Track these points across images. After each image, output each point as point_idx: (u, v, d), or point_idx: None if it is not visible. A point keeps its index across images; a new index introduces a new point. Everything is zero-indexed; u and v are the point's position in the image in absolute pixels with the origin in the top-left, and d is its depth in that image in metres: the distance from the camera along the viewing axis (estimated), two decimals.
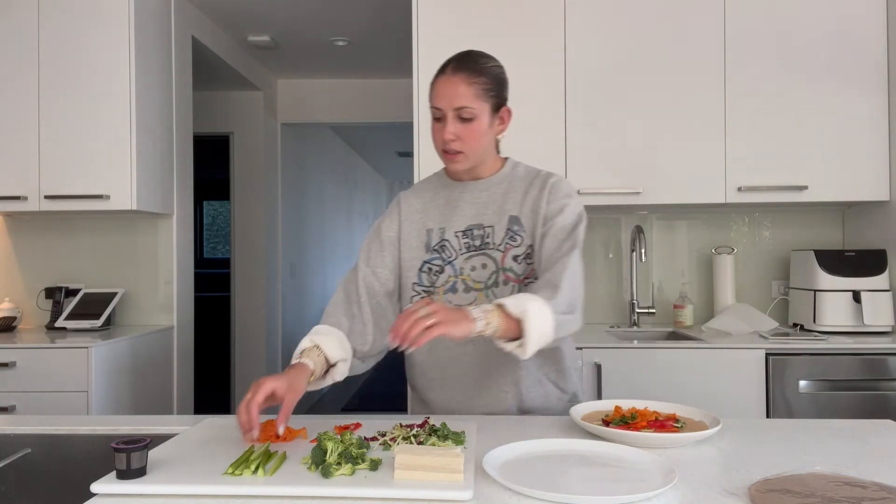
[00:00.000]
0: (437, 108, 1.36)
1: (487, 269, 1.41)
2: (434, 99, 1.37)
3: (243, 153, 4.54)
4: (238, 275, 4.55)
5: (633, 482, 0.96)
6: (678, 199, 2.61)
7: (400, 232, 1.47)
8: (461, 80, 1.35)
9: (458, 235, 1.43)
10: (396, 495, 0.90)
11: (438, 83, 1.37)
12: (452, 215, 1.45)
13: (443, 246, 1.43)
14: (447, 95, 1.35)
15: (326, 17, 3.62)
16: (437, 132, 1.38)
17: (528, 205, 1.43)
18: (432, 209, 1.48)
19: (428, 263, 1.43)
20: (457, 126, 1.36)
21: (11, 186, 2.75)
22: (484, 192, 1.46)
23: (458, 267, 1.42)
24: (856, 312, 2.48)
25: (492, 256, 1.41)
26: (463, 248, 1.43)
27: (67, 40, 2.74)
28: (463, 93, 1.35)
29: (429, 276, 1.43)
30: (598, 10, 2.63)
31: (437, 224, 1.45)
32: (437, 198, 1.49)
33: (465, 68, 1.36)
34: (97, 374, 2.49)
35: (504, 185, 1.46)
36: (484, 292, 1.40)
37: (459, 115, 1.35)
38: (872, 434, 1.22)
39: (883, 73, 2.57)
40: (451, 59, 1.39)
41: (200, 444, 1.13)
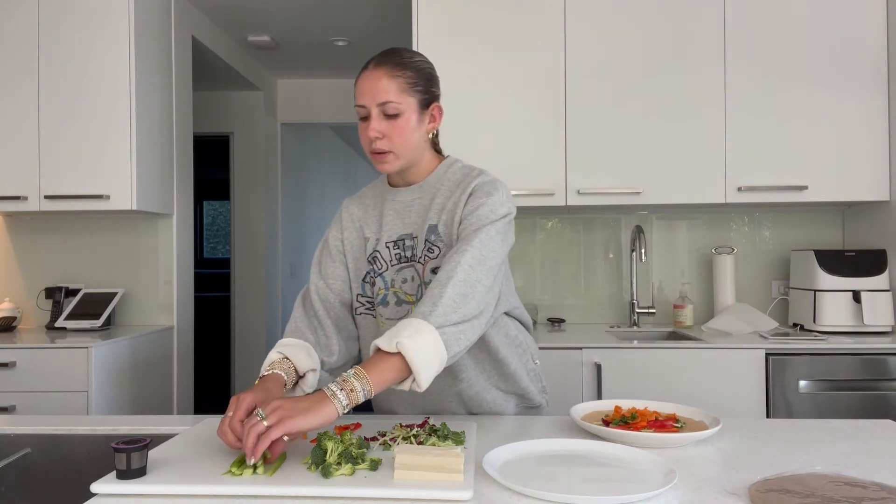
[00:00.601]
0: (361, 107, 1.28)
1: (415, 282, 1.33)
2: (357, 96, 1.29)
3: (243, 153, 4.54)
4: (238, 275, 4.55)
5: (633, 482, 0.96)
6: (678, 199, 2.61)
7: (343, 241, 1.41)
8: (383, 74, 1.27)
9: (389, 246, 1.36)
10: (396, 495, 0.90)
11: (361, 79, 1.29)
12: (383, 225, 1.38)
13: (374, 257, 1.37)
14: (370, 91, 1.27)
15: (326, 17, 3.62)
16: (363, 132, 1.30)
17: (447, 211, 1.31)
18: (370, 217, 1.41)
19: (368, 274, 1.38)
20: (381, 123, 1.28)
21: (11, 186, 2.75)
22: (416, 199, 1.37)
23: (389, 279, 1.35)
24: (856, 312, 2.48)
25: (415, 268, 1.33)
26: (394, 259, 1.35)
27: (67, 40, 2.74)
28: (385, 87, 1.27)
29: (370, 288, 1.37)
30: (598, 10, 2.63)
31: (373, 234, 1.39)
32: (375, 205, 1.42)
33: (388, 62, 1.29)
34: (97, 374, 2.49)
35: (428, 190, 1.36)
36: (415, 305, 1.32)
37: (384, 112, 1.27)
38: (872, 434, 1.22)
39: (883, 73, 2.58)
40: (378, 55, 1.32)
41: (200, 444, 1.13)
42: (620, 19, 2.62)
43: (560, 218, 3.01)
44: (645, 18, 2.62)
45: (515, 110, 2.63)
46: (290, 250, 5.09)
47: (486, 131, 2.65)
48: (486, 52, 2.65)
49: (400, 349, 1.06)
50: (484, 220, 1.24)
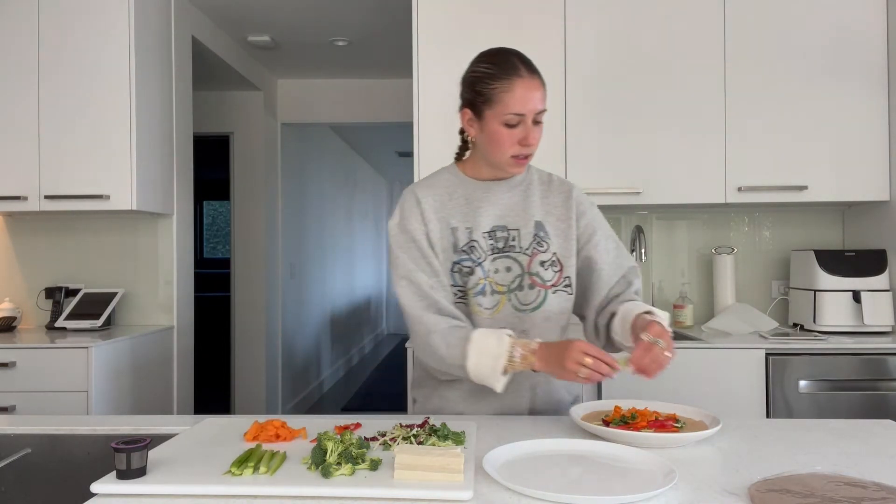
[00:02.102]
0: (519, 115, 1.30)
1: (512, 273, 1.39)
2: (515, 104, 1.30)
3: (243, 153, 4.54)
4: (238, 275, 4.55)
5: (633, 482, 0.96)
6: (678, 199, 2.61)
7: (429, 233, 1.40)
8: (539, 84, 1.32)
9: (485, 236, 1.40)
10: (396, 495, 0.90)
11: (520, 86, 1.30)
12: (477, 215, 1.41)
13: (472, 247, 1.39)
14: (532, 100, 1.30)
15: (326, 17, 3.62)
16: (509, 138, 1.32)
17: (553, 212, 1.43)
18: (452, 207, 1.42)
19: (458, 264, 1.39)
20: (535, 130, 1.33)
21: (11, 186, 2.75)
22: (506, 194, 1.43)
23: (487, 269, 1.39)
24: (856, 312, 2.48)
25: (517, 260, 1.40)
26: (489, 249, 1.40)
27: (67, 40, 2.74)
28: (541, 97, 1.32)
29: (461, 277, 1.39)
30: (598, 10, 2.62)
31: (462, 224, 1.40)
32: (455, 195, 1.43)
33: (536, 71, 1.33)
34: (97, 374, 2.49)
35: (522, 187, 1.45)
36: (507, 295, 1.39)
37: (535, 120, 1.32)
38: (872, 434, 1.22)
39: (883, 73, 2.57)
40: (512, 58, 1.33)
41: (200, 444, 1.13)
42: (620, 19, 2.62)
43: None
44: (645, 18, 2.62)
45: None
46: (290, 250, 5.09)
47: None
48: None
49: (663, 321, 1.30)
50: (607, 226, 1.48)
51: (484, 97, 1.33)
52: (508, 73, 1.30)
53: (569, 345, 1.22)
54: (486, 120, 1.34)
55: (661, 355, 1.20)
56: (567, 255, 1.43)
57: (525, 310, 1.40)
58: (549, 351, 1.25)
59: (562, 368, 1.21)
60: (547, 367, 1.25)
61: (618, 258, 1.45)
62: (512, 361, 1.26)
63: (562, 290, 1.42)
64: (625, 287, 1.44)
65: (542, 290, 1.39)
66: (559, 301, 1.42)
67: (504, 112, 1.30)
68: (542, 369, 1.26)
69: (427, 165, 2.63)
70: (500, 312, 1.39)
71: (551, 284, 1.40)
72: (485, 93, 1.32)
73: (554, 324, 1.42)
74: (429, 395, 1.49)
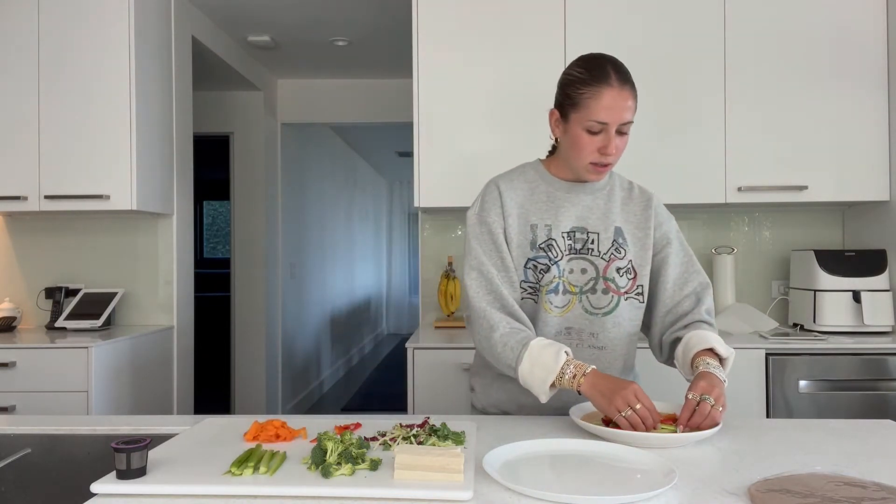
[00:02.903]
0: (601, 123, 1.30)
1: (587, 275, 1.41)
2: (599, 112, 1.30)
3: (243, 153, 4.54)
4: (238, 275, 4.55)
5: (633, 482, 0.96)
6: (678, 199, 2.61)
7: (506, 227, 1.41)
8: (630, 96, 1.31)
9: (564, 236, 1.41)
10: (396, 495, 0.90)
11: (608, 96, 1.29)
12: (557, 214, 1.42)
13: (550, 245, 1.40)
14: (618, 110, 1.30)
15: (326, 17, 3.62)
16: (590, 144, 1.33)
17: (631, 220, 1.45)
18: (532, 204, 1.43)
19: (533, 261, 1.40)
20: (618, 140, 1.33)
21: (11, 186, 2.75)
22: (588, 196, 1.44)
23: (562, 268, 1.40)
24: (856, 312, 2.48)
25: (594, 263, 1.41)
26: (566, 249, 1.41)
27: (67, 40, 2.74)
28: (630, 108, 1.31)
29: (534, 274, 1.40)
30: (598, 10, 2.62)
31: (541, 220, 1.42)
32: (536, 192, 1.44)
33: (629, 81, 1.32)
34: (97, 374, 2.49)
35: (605, 191, 1.46)
36: (578, 296, 1.40)
37: (619, 131, 1.32)
38: (872, 434, 1.22)
39: (883, 73, 2.57)
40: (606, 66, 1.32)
41: (200, 444, 1.13)
42: (620, 19, 2.62)
43: None
44: (645, 18, 2.62)
45: (516, 110, 2.63)
46: (290, 250, 5.09)
47: (487, 131, 2.65)
48: (486, 53, 2.65)
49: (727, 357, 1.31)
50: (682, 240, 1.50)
51: (571, 100, 1.34)
52: (598, 81, 1.30)
53: (625, 384, 1.20)
54: (571, 123, 1.35)
55: (711, 411, 1.17)
56: (642, 264, 1.44)
57: (596, 313, 1.41)
58: (601, 381, 1.23)
59: (608, 402, 1.19)
60: (592, 394, 1.23)
61: (686, 272, 1.45)
62: (561, 379, 1.26)
63: (633, 298, 1.43)
64: (694, 304, 1.43)
65: (615, 295, 1.41)
66: (630, 308, 1.43)
67: (588, 118, 1.31)
68: (586, 394, 1.24)
69: (427, 165, 2.63)
70: (570, 312, 1.41)
71: (624, 291, 1.41)
72: (573, 96, 1.33)
73: (623, 330, 1.43)
74: (489, 384, 1.50)
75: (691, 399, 1.19)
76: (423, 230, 3.05)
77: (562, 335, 1.42)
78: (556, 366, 1.25)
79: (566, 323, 1.41)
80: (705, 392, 1.19)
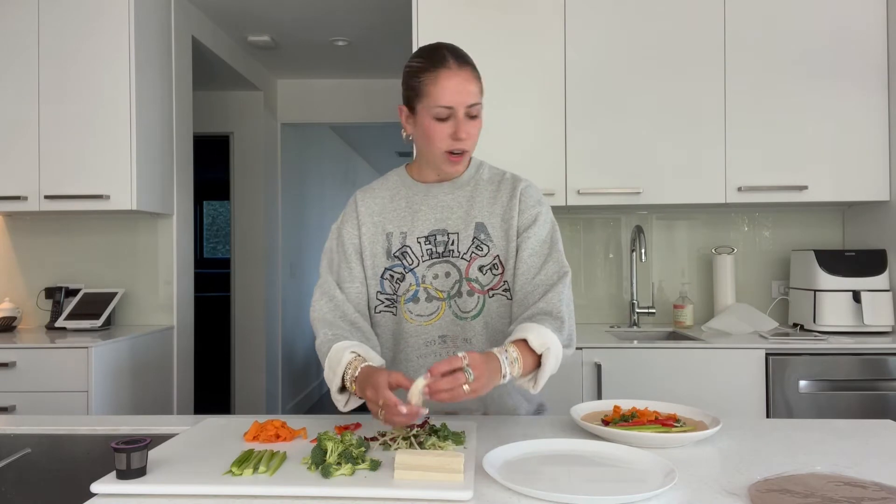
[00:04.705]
0: (446, 108, 1.25)
1: (451, 278, 1.34)
2: (442, 96, 1.25)
3: (243, 153, 4.54)
4: (238, 275, 4.55)
5: (633, 482, 0.96)
6: (678, 199, 2.61)
7: (361, 237, 1.38)
8: (470, 77, 1.27)
9: (421, 241, 1.35)
10: (396, 495, 0.90)
11: (444, 78, 1.25)
12: (414, 219, 1.37)
13: (404, 252, 1.35)
14: (460, 92, 1.25)
15: (326, 17, 3.62)
16: (440, 132, 1.27)
17: (497, 213, 1.36)
18: (391, 212, 1.38)
19: (389, 270, 1.35)
20: (467, 124, 1.27)
21: (11, 186, 2.75)
22: (448, 195, 1.38)
23: (420, 275, 1.34)
24: (856, 312, 2.48)
25: (455, 265, 1.34)
26: (425, 254, 1.35)
27: (67, 40, 2.74)
28: (473, 89, 1.27)
29: (391, 284, 1.36)
30: (599, 10, 2.62)
31: (397, 228, 1.37)
32: (396, 199, 1.39)
33: (467, 62, 1.28)
34: (97, 374, 2.49)
35: (469, 187, 1.39)
36: (447, 302, 1.34)
37: (468, 114, 1.27)
38: (872, 434, 1.22)
39: (883, 73, 2.57)
40: (442, 50, 1.28)
41: (200, 444, 1.13)
42: (620, 19, 2.62)
43: (560, 218, 3.00)
44: (645, 18, 2.62)
45: (515, 110, 2.63)
46: (290, 250, 5.09)
47: (486, 131, 2.63)
48: (487, 53, 2.64)
49: (543, 353, 1.16)
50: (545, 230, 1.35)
51: (414, 91, 1.29)
52: (436, 65, 1.26)
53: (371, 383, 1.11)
54: (419, 115, 1.30)
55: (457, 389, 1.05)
56: (508, 257, 1.35)
57: (465, 317, 1.35)
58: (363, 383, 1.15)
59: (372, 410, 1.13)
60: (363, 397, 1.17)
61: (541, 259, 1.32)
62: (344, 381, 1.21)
63: (500, 294, 1.35)
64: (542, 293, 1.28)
65: (480, 295, 1.34)
66: (499, 306, 1.35)
67: (432, 104, 1.26)
68: None
69: None
70: (440, 319, 1.35)
71: (489, 288, 1.34)
72: (415, 87, 1.29)
73: (495, 330, 1.35)
74: None
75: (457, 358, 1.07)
76: None
77: (435, 344, 1.35)
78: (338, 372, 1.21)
79: (439, 331, 1.34)
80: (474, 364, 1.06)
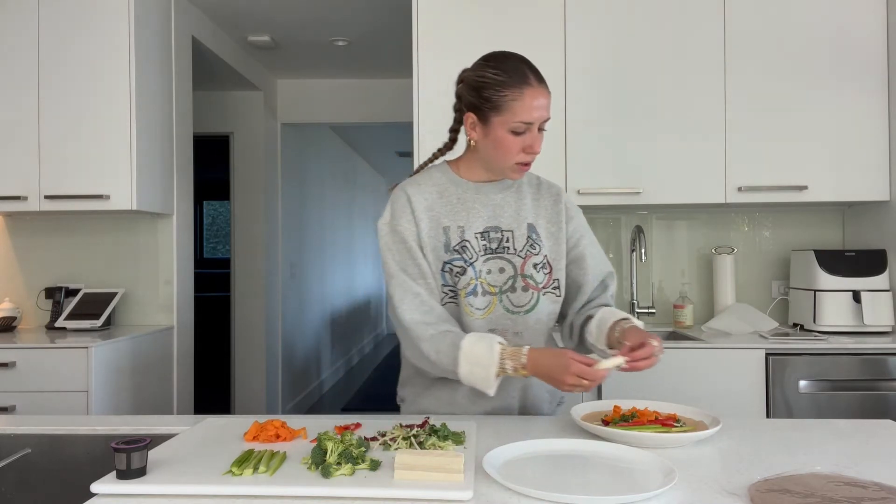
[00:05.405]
0: (527, 123, 1.32)
1: (505, 274, 1.40)
2: (524, 112, 1.31)
3: (243, 153, 4.54)
4: (238, 275, 4.55)
5: (633, 482, 0.96)
6: (678, 199, 2.61)
7: (420, 232, 1.40)
8: (547, 93, 1.35)
9: (477, 237, 1.41)
10: (396, 495, 0.90)
11: (529, 95, 1.31)
12: (469, 215, 1.41)
13: (464, 247, 1.40)
14: (541, 109, 1.32)
15: (326, 17, 3.62)
16: (515, 145, 1.33)
17: (542, 215, 1.46)
18: (442, 206, 1.42)
19: (449, 264, 1.39)
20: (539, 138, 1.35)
21: (11, 186, 2.75)
22: (498, 195, 1.45)
23: (478, 269, 1.39)
24: (856, 312, 2.48)
25: (511, 261, 1.41)
26: (481, 249, 1.40)
27: (67, 40, 2.74)
28: (548, 105, 1.35)
29: (451, 277, 1.39)
30: (599, 10, 2.62)
31: (453, 223, 1.41)
32: (446, 195, 1.43)
33: (543, 79, 1.36)
34: (97, 374, 2.49)
35: (513, 189, 1.46)
36: (498, 296, 1.40)
37: (540, 128, 1.35)
38: (872, 434, 1.22)
39: (883, 74, 2.57)
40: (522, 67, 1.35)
41: (200, 444, 1.13)
42: (620, 20, 2.62)
43: None
44: (645, 19, 2.62)
45: None
46: (290, 250, 5.09)
47: None
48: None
49: None
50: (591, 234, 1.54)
51: (492, 104, 1.33)
52: (519, 83, 1.31)
53: (561, 359, 1.23)
54: (493, 126, 1.34)
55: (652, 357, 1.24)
56: (557, 258, 1.45)
57: (518, 312, 1.41)
58: (541, 363, 1.26)
59: (558, 384, 1.24)
60: (539, 377, 1.27)
61: (600, 264, 1.51)
62: (503, 370, 1.27)
63: (551, 293, 1.43)
64: (601, 291, 1.49)
65: (534, 292, 1.41)
66: (548, 303, 1.43)
67: (512, 120, 1.32)
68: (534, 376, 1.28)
69: None
70: (491, 313, 1.39)
71: (542, 286, 1.41)
72: (493, 99, 1.33)
73: (543, 326, 1.45)
74: (419, 393, 1.47)
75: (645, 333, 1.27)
76: None
77: None
78: (493, 360, 1.27)
79: (489, 325, 1.39)
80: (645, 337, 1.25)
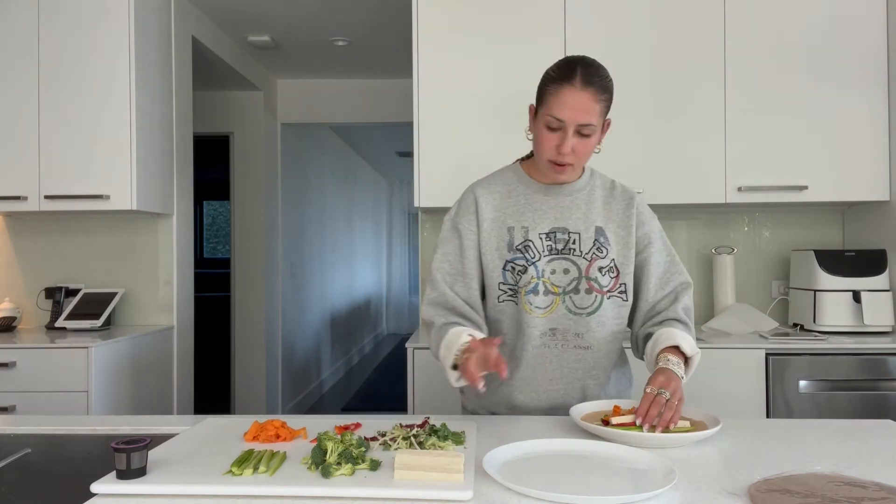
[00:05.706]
0: (558, 119, 1.31)
1: (569, 275, 1.41)
2: (556, 109, 1.31)
3: (243, 153, 4.54)
4: (238, 275, 4.55)
5: (633, 482, 0.96)
6: (678, 199, 2.61)
7: (480, 232, 1.44)
8: (591, 97, 1.31)
9: (542, 237, 1.42)
10: (396, 495, 0.90)
11: (565, 94, 1.30)
12: (535, 216, 1.43)
13: (527, 246, 1.42)
14: (574, 109, 1.30)
15: (326, 17, 3.62)
16: (548, 141, 1.34)
17: (613, 219, 1.46)
18: (509, 206, 1.45)
19: (511, 263, 1.41)
20: (573, 140, 1.33)
21: (11, 186, 2.75)
22: (567, 197, 1.45)
23: (541, 269, 1.41)
24: (856, 312, 2.48)
25: (576, 263, 1.42)
26: (545, 250, 1.42)
27: (67, 40, 2.74)
28: (590, 110, 1.31)
29: (513, 275, 1.41)
30: (598, 10, 2.62)
31: (518, 223, 1.43)
32: (514, 195, 1.46)
33: (594, 83, 1.31)
34: (97, 374, 2.49)
35: (585, 192, 1.47)
36: (561, 297, 1.41)
37: (579, 131, 1.33)
38: (872, 434, 1.22)
39: (883, 73, 2.57)
40: (576, 67, 1.32)
41: (200, 444, 1.13)
42: (620, 19, 2.62)
43: None
44: (645, 18, 2.62)
45: (515, 110, 2.63)
46: (290, 250, 5.09)
47: (487, 131, 2.65)
48: (486, 52, 2.65)
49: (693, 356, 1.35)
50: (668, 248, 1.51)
51: (541, 96, 1.37)
52: (562, 79, 1.32)
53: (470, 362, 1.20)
54: (538, 119, 1.38)
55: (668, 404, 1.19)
56: (625, 263, 1.44)
57: (580, 313, 1.42)
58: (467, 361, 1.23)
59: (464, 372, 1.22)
60: None
61: (668, 272, 1.48)
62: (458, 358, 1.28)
63: (617, 297, 1.44)
64: (671, 302, 1.46)
65: (598, 295, 1.42)
66: (614, 307, 1.44)
67: (547, 113, 1.33)
68: None
69: (427, 165, 2.63)
70: (553, 313, 1.42)
71: (608, 290, 1.42)
72: (541, 91, 1.37)
73: (607, 329, 1.44)
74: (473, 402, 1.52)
75: (649, 392, 1.22)
76: (423, 230, 3.05)
77: (546, 336, 1.43)
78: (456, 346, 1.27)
79: (550, 324, 1.42)
80: (662, 386, 1.22)
